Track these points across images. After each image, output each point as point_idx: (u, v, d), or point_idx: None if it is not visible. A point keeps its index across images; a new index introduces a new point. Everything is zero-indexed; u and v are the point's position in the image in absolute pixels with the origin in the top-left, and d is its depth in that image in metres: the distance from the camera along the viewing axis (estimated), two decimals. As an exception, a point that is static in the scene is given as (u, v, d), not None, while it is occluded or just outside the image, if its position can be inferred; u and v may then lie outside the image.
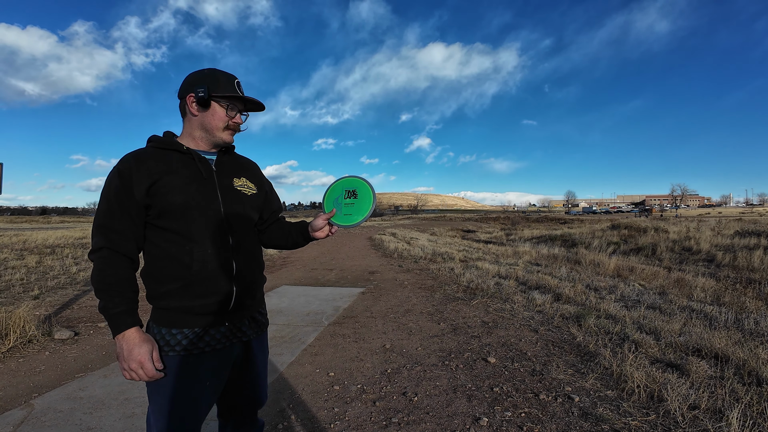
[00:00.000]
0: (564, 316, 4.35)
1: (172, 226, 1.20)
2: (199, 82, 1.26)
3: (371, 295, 5.77)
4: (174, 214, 1.20)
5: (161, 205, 1.19)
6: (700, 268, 10.67)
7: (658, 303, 5.11)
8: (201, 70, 1.29)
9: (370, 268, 8.47)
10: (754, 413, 2.25)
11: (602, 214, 78.68)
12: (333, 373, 3.02)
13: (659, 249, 13.32)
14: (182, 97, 1.29)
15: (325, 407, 2.51)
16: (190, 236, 1.21)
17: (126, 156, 1.22)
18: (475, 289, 5.84)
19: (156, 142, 1.27)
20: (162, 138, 1.29)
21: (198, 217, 1.23)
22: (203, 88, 1.23)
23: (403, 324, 4.29)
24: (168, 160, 1.24)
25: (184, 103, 1.28)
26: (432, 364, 3.17)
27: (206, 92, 1.23)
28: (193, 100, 1.26)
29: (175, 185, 1.21)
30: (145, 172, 1.19)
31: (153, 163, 1.21)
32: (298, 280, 7.30)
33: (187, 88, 1.27)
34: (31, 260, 8.94)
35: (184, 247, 1.21)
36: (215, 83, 1.25)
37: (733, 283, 8.24)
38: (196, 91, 1.24)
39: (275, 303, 5.40)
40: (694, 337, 3.48)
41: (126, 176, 1.18)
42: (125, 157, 1.21)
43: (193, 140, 1.30)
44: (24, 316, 3.86)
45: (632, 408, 2.38)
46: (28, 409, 2.54)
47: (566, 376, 2.86)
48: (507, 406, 2.47)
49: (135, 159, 1.21)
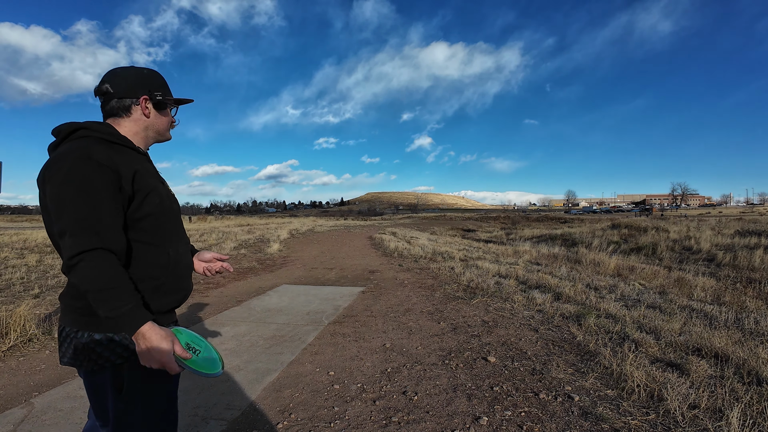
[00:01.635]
0: (564, 316, 4.35)
1: (149, 226, 1.20)
2: (151, 84, 1.28)
3: (371, 295, 5.78)
4: (153, 214, 1.20)
5: (141, 202, 1.17)
6: (700, 267, 10.67)
7: (658, 302, 5.11)
8: (143, 70, 1.29)
9: (371, 267, 8.47)
10: (754, 413, 2.25)
11: (602, 214, 78.67)
12: (333, 372, 3.02)
13: (659, 248, 13.32)
14: (128, 95, 1.24)
15: (325, 406, 2.51)
16: (166, 236, 1.25)
17: (95, 147, 1.12)
18: (475, 289, 5.84)
19: (112, 136, 1.18)
20: (118, 134, 1.21)
21: (171, 218, 1.28)
22: (160, 92, 1.29)
23: (403, 323, 4.29)
24: (132, 157, 1.21)
25: (132, 103, 1.25)
26: (432, 363, 3.17)
27: (163, 96, 1.29)
28: (149, 103, 1.28)
29: (150, 183, 1.21)
30: (127, 165, 1.15)
31: (126, 157, 1.18)
32: (298, 279, 7.31)
33: (137, 89, 1.25)
34: (31, 259, 8.95)
35: (159, 247, 1.22)
36: (166, 87, 1.32)
37: (734, 282, 8.23)
38: (153, 94, 1.27)
39: (275, 302, 5.40)
40: (694, 337, 3.48)
41: (110, 168, 1.10)
42: (95, 148, 1.11)
43: (139, 139, 1.29)
44: (24, 314, 3.86)
45: (632, 407, 2.38)
46: (29, 408, 2.54)
47: (566, 375, 2.86)
48: (507, 405, 2.47)
49: (111, 150, 1.15)
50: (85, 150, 1.10)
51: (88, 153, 1.10)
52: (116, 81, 1.24)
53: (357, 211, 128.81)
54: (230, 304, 5.35)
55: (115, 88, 1.24)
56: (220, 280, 7.16)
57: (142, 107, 1.26)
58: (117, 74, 1.25)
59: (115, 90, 1.24)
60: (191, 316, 4.73)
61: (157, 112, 1.30)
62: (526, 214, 64.56)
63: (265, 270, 8.50)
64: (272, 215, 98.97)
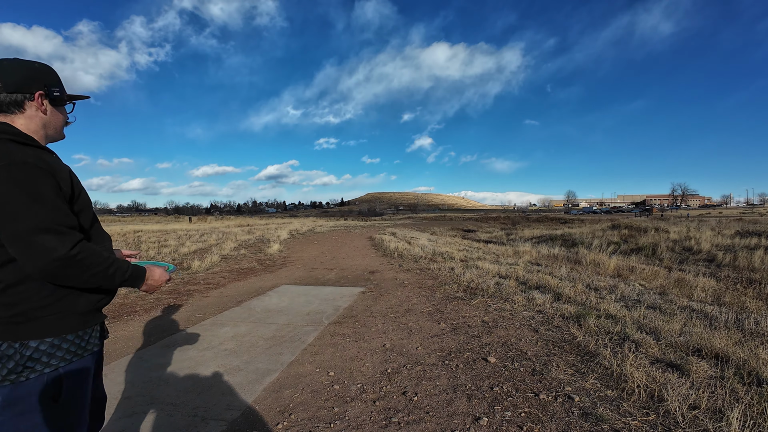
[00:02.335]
0: (564, 316, 4.35)
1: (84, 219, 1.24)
2: (47, 79, 1.21)
3: (371, 295, 5.77)
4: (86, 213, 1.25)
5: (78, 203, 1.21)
6: (700, 268, 10.66)
7: (658, 303, 5.11)
8: (34, 63, 1.20)
9: (371, 268, 8.47)
10: (754, 413, 2.25)
11: (602, 214, 78.65)
12: (333, 373, 3.02)
13: (659, 249, 13.31)
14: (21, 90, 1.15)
15: (325, 406, 2.51)
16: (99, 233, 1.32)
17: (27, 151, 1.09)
18: (475, 289, 5.84)
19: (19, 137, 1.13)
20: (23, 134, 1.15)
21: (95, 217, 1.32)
22: (58, 88, 1.23)
23: (403, 323, 4.29)
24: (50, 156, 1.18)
25: (25, 98, 1.16)
26: (432, 363, 3.17)
27: (61, 93, 1.24)
28: (45, 99, 1.20)
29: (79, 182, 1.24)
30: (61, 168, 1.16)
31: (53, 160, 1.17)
32: (298, 279, 7.31)
33: (30, 83, 1.17)
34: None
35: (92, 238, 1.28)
36: (61, 83, 1.25)
37: (734, 283, 8.23)
38: (50, 90, 1.20)
39: (275, 302, 5.40)
40: (695, 337, 3.48)
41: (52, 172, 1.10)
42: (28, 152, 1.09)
43: (39, 138, 1.21)
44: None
45: (632, 408, 2.38)
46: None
47: (566, 375, 2.86)
48: (507, 405, 2.47)
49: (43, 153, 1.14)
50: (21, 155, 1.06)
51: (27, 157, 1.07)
52: (5, 74, 1.14)
53: (357, 212, 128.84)
54: (230, 304, 5.35)
55: (5, 82, 1.14)
56: (220, 281, 7.17)
57: (37, 103, 1.18)
58: (3, 66, 1.14)
59: (5, 83, 1.13)
60: (191, 317, 4.73)
61: (54, 109, 1.24)
62: (526, 215, 64.58)
63: (265, 270, 8.50)
64: (272, 216, 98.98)
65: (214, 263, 9.32)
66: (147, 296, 5.79)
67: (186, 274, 7.86)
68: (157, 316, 4.79)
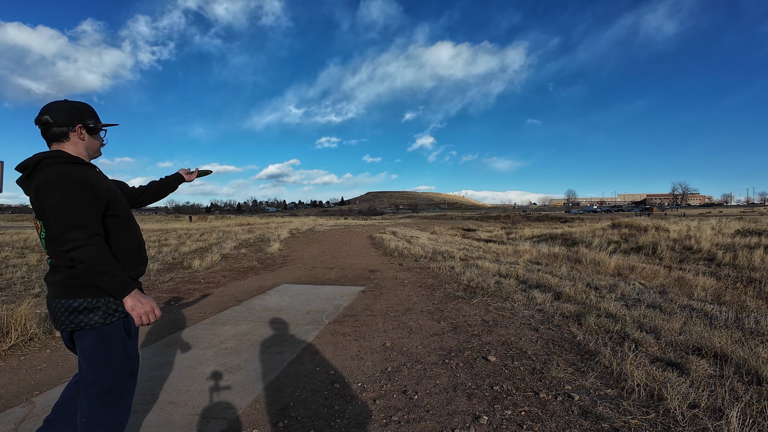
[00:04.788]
0: (564, 315, 4.36)
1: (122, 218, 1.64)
2: (86, 114, 1.63)
3: (371, 294, 5.78)
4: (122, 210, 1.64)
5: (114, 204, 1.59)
6: (700, 267, 10.66)
7: (658, 302, 5.11)
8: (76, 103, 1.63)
9: (371, 267, 8.47)
10: (753, 412, 2.26)
11: (603, 213, 78.61)
12: (333, 372, 3.03)
13: (660, 248, 13.31)
14: (66, 124, 1.57)
15: (325, 405, 2.52)
16: (133, 224, 1.71)
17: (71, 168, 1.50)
18: (475, 288, 5.85)
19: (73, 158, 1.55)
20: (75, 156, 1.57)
21: (129, 211, 1.73)
22: (92, 120, 1.65)
23: (403, 322, 4.29)
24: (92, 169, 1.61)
25: (69, 130, 1.58)
26: (432, 362, 3.17)
27: (95, 124, 1.66)
28: (83, 129, 1.62)
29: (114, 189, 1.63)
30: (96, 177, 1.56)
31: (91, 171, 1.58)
32: (298, 278, 7.31)
33: (73, 119, 1.58)
34: (32, 258, 8.96)
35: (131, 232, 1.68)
36: (96, 116, 1.69)
37: (734, 282, 8.24)
38: (86, 122, 1.63)
39: (276, 301, 5.41)
40: (695, 336, 3.48)
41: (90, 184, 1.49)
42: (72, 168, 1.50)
43: (84, 158, 1.64)
44: (25, 314, 3.87)
45: (632, 406, 2.38)
46: (30, 407, 2.55)
47: (566, 374, 2.87)
48: (507, 404, 2.47)
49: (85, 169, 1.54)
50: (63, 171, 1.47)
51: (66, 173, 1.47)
52: (54, 113, 1.56)
53: (357, 211, 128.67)
54: (231, 303, 5.35)
55: (54, 119, 1.55)
56: (220, 280, 7.18)
57: (78, 133, 1.60)
58: (54, 107, 1.57)
59: (54, 120, 1.55)
60: (192, 315, 4.73)
61: (91, 137, 1.66)
62: (526, 214, 64.55)
63: (265, 269, 8.51)
64: (273, 215, 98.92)
65: (215, 262, 9.33)
66: (147, 295, 5.79)
67: (186, 273, 7.87)
68: (158, 315, 4.79)
